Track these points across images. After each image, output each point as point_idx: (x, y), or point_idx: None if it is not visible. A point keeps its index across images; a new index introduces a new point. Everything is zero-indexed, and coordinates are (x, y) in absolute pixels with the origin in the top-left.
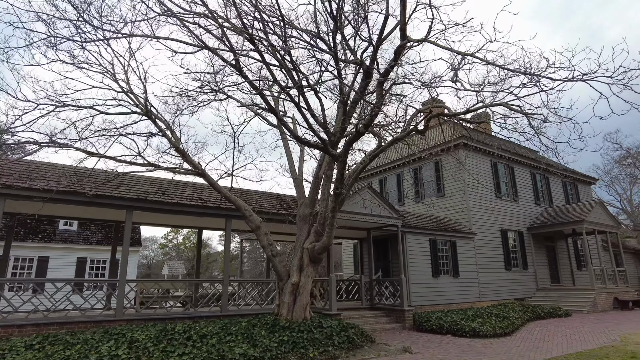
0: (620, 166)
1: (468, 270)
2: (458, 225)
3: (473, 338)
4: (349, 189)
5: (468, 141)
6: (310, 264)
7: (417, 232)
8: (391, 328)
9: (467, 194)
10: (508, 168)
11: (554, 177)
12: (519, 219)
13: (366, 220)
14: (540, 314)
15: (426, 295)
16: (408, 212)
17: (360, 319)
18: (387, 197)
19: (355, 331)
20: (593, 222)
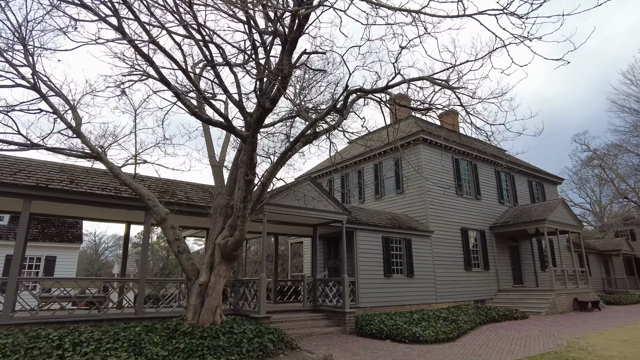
0: (587, 167)
1: (424, 270)
2: (414, 223)
3: (412, 344)
4: (271, 177)
5: (428, 136)
6: (223, 262)
7: (369, 229)
8: (329, 332)
9: (425, 191)
10: (471, 165)
11: (519, 175)
12: (481, 218)
13: (307, 215)
14: (494, 317)
15: (377, 297)
16: (363, 209)
17: (296, 323)
18: (348, 194)
19: (274, 337)
20: (555, 221)
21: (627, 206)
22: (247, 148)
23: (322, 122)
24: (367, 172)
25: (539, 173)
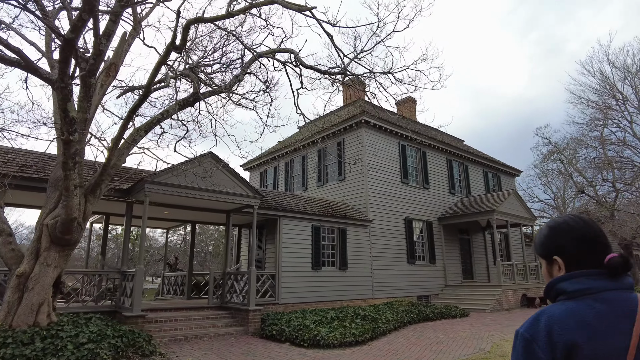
0: (547, 161)
1: (360, 262)
2: (351, 211)
3: (310, 348)
4: (118, 141)
5: (370, 119)
6: (54, 248)
7: (296, 217)
8: (227, 333)
9: (366, 178)
10: (419, 152)
11: (473, 165)
12: (428, 208)
13: (207, 198)
14: (428, 315)
15: (302, 292)
16: (295, 196)
17: (188, 322)
18: (293, 181)
19: (125, 340)
20: (506, 212)
21: (588, 203)
22: (56, 96)
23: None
24: (310, 157)
25: (496, 164)
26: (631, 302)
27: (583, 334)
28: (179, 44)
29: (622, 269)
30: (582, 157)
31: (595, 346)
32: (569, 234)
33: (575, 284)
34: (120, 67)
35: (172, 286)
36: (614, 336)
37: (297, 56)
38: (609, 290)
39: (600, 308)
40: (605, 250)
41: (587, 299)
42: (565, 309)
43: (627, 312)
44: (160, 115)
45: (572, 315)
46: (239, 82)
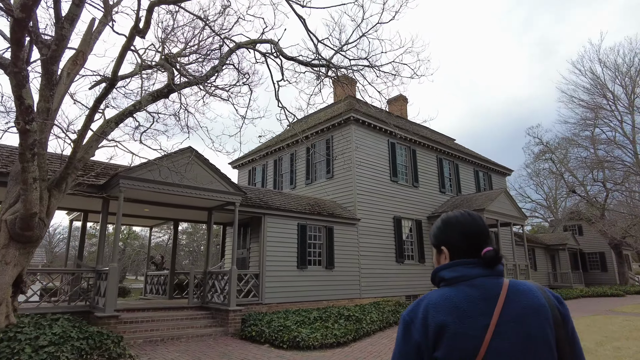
0: (539, 161)
1: (347, 261)
2: (338, 209)
3: (289, 350)
4: (84, 132)
5: (359, 116)
6: (13, 245)
7: (281, 214)
8: (206, 334)
9: (354, 175)
10: (409, 151)
11: (464, 164)
12: (418, 207)
13: (186, 194)
14: None
15: (287, 291)
16: (281, 193)
17: (166, 323)
18: (281, 179)
19: (87, 344)
20: (496, 211)
21: (579, 203)
22: (10, 82)
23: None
24: (299, 155)
25: (487, 163)
26: (497, 287)
27: (453, 315)
28: (142, 27)
29: (494, 260)
30: (573, 156)
31: (461, 325)
32: (457, 227)
33: (453, 272)
34: (90, 56)
35: (155, 285)
36: (478, 316)
37: (277, 47)
38: (481, 277)
39: (470, 292)
40: (483, 245)
41: (462, 285)
42: (441, 294)
43: (492, 295)
44: (132, 107)
45: (446, 300)
46: (217, 74)
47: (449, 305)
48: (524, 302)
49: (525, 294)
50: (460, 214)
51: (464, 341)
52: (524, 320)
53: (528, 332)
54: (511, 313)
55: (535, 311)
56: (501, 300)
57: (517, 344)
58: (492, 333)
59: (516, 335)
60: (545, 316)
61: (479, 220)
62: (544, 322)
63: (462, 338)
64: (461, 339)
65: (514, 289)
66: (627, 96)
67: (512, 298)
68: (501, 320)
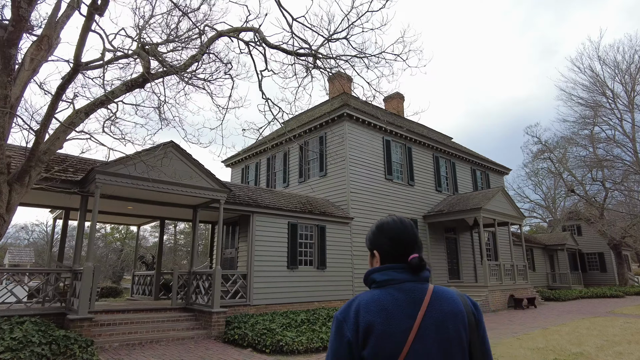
0: (537, 160)
1: (340, 261)
2: (331, 208)
3: (273, 355)
4: (47, 121)
5: (353, 112)
6: None
7: (271, 213)
8: (188, 337)
9: (347, 173)
10: (405, 148)
11: (461, 163)
12: (413, 206)
13: (167, 191)
14: None
15: (277, 292)
16: (271, 191)
17: (146, 325)
18: (274, 177)
19: (50, 349)
20: (493, 210)
21: (578, 202)
22: None
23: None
24: (292, 153)
25: (485, 162)
26: (422, 292)
27: (380, 316)
28: (100, 4)
29: (419, 267)
30: (572, 155)
31: (387, 326)
32: (388, 234)
33: (383, 275)
34: (64, 45)
35: (142, 286)
36: (403, 319)
37: (260, 34)
38: (408, 282)
39: (398, 296)
40: (411, 251)
41: (390, 288)
42: (372, 295)
43: (417, 299)
44: (104, 97)
45: (375, 301)
46: (198, 63)
47: (378, 306)
48: (445, 307)
49: (446, 300)
50: (392, 220)
51: (389, 341)
52: (443, 324)
53: (446, 335)
54: (433, 317)
55: (454, 316)
56: (425, 305)
57: (435, 346)
58: (414, 335)
59: (435, 338)
60: (461, 321)
61: (410, 228)
62: (460, 326)
63: (388, 338)
64: (386, 339)
65: (437, 295)
66: (627, 94)
67: (435, 303)
68: (423, 324)
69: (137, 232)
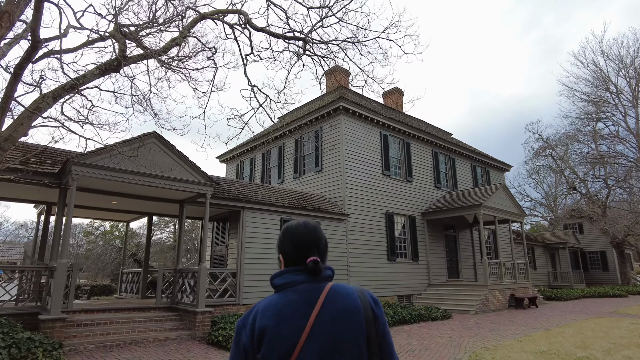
0: (539, 157)
1: (335, 259)
2: (325, 204)
3: None
4: (6, 104)
5: (349, 105)
6: None
7: (263, 209)
8: (170, 338)
9: (343, 168)
10: (403, 144)
11: (461, 159)
12: (412, 203)
13: (149, 184)
14: (405, 318)
15: (267, 291)
16: (264, 187)
17: (126, 325)
18: (269, 172)
19: (9, 353)
20: (493, 207)
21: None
22: None
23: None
24: (287, 148)
25: (485, 158)
26: (318, 292)
27: (274, 320)
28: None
29: (315, 269)
30: (574, 152)
31: (280, 329)
32: (290, 238)
33: (282, 279)
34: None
35: (130, 284)
36: (295, 319)
37: (246, 17)
38: (305, 283)
39: (293, 297)
40: (310, 254)
41: (288, 291)
42: (269, 300)
43: (312, 299)
44: (75, 81)
45: (271, 306)
46: (178, 47)
47: (272, 310)
48: (340, 305)
49: (342, 297)
50: (297, 224)
51: (281, 343)
52: (336, 322)
53: (338, 333)
54: (327, 315)
55: (349, 313)
56: (319, 304)
57: (328, 343)
58: (307, 334)
59: (328, 336)
60: (357, 317)
61: (312, 231)
62: (355, 323)
63: (280, 340)
64: (278, 341)
65: (333, 293)
66: (631, 89)
67: (330, 302)
68: (317, 322)
69: (126, 229)
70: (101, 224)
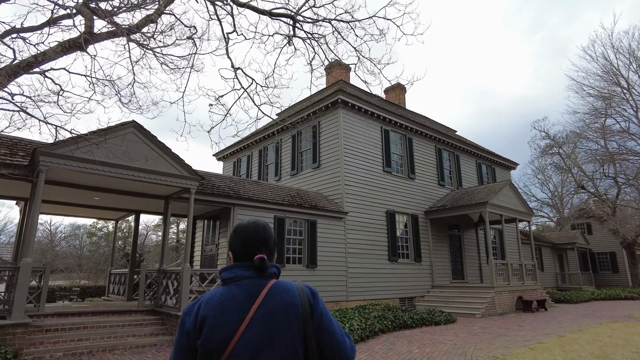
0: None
1: (333, 260)
2: (323, 201)
3: None
4: None
5: (348, 98)
6: None
7: (255, 206)
8: (151, 344)
9: (342, 164)
10: (405, 139)
11: (466, 156)
12: (414, 201)
13: (126, 176)
14: (406, 322)
15: None
16: (258, 183)
17: (103, 330)
18: (266, 170)
19: None
20: (500, 205)
21: (589, 199)
22: None
23: None
24: (285, 144)
25: (491, 155)
26: (260, 287)
27: (215, 310)
28: None
29: (260, 267)
30: (582, 150)
31: (219, 319)
32: (240, 236)
33: (229, 273)
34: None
35: (117, 285)
36: (235, 312)
37: None
38: (249, 279)
39: (235, 291)
40: (258, 251)
41: (232, 284)
42: (215, 292)
43: (253, 294)
44: (33, 58)
45: (215, 297)
46: (153, 23)
47: (215, 301)
48: (279, 300)
49: (282, 293)
50: (247, 223)
51: (219, 332)
52: (273, 316)
53: (274, 326)
54: (265, 310)
55: (287, 308)
56: (259, 299)
57: (263, 336)
58: (245, 326)
59: (264, 329)
60: (294, 313)
61: (262, 230)
62: (291, 318)
63: (218, 329)
64: (217, 330)
65: (274, 290)
66: None
67: (270, 297)
68: (255, 316)
69: (114, 227)
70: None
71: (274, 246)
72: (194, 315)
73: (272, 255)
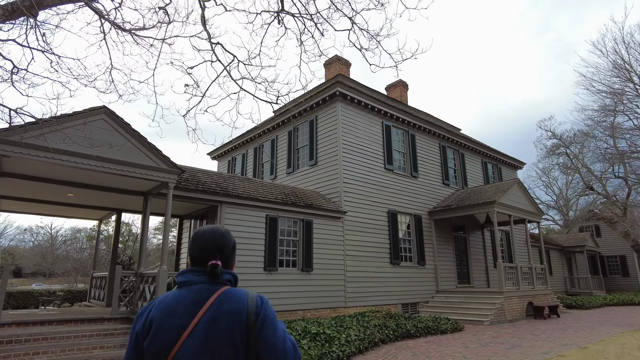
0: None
1: (330, 263)
2: (320, 200)
3: None
4: None
5: (347, 91)
6: None
7: (245, 204)
8: (119, 357)
9: (340, 161)
10: (408, 136)
11: (471, 154)
12: (417, 200)
13: (95, 168)
14: (409, 331)
15: None
16: (249, 180)
17: (66, 341)
18: (262, 168)
19: None
20: (508, 205)
21: (597, 201)
22: None
23: None
24: (280, 141)
25: (497, 154)
26: (210, 293)
27: (163, 313)
28: None
29: (212, 272)
30: (591, 149)
31: (165, 322)
32: (197, 241)
33: (182, 277)
34: None
35: (98, 289)
36: (182, 315)
37: None
38: (200, 284)
39: (185, 295)
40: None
41: (184, 288)
42: (167, 295)
43: (202, 299)
44: None
45: (166, 300)
46: None
47: (165, 304)
48: (225, 307)
49: (229, 300)
50: (205, 229)
51: (163, 335)
52: (216, 323)
53: (215, 333)
54: (210, 316)
55: (230, 315)
56: (207, 305)
57: (205, 341)
58: (189, 331)
59: (206, 335)
60: (238, 320)
61: (219, 236)
62: (235, 325)
63: (162, 332)
64: (161, 333)
65: (223, 296)
66: None
67: (217, 304)
68: (200, 321)
69: (97, 227)
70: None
71: (231, 253)
72: (145, 317)
73: (229, 262)
